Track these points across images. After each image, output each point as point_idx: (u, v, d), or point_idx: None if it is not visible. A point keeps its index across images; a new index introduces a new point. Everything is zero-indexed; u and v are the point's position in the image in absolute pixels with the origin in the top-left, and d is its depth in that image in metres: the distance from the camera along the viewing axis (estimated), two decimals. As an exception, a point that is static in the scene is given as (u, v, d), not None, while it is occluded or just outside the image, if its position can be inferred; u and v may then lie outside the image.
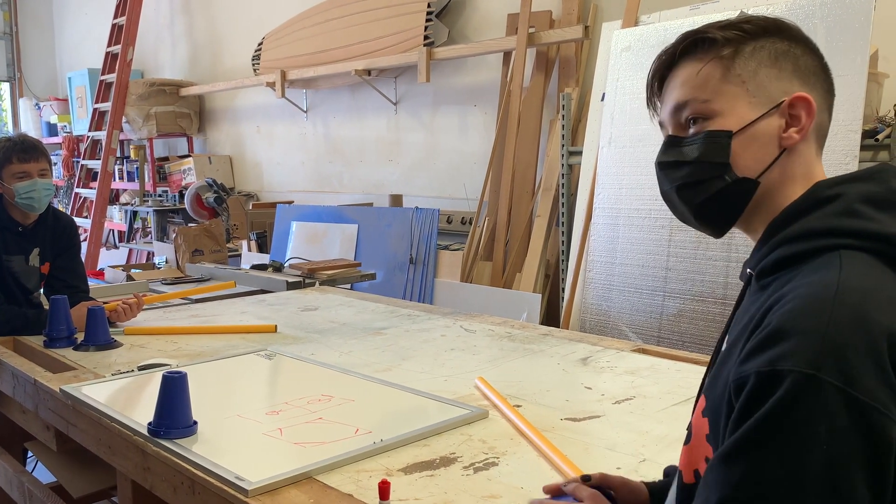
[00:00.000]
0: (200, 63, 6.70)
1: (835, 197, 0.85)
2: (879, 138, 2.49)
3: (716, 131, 0.91)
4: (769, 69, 0.90)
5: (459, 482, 1.30)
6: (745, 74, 0.90)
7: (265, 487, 1.26)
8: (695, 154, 0.92)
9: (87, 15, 8.19)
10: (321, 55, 5.09)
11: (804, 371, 0.70)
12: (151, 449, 1.47)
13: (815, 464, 0.69)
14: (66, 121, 7.80)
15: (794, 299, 0.77)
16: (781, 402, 0.71)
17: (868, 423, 0.69)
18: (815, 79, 0.92)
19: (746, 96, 0.90)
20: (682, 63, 0.94)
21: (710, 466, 0.76)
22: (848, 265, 0.78)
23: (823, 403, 0.70)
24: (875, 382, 0.70)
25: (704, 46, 0.92)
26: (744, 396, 0.75)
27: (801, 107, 0.90)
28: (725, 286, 2.70)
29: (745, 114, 0.90)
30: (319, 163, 5.61)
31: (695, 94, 0.92)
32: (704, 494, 0.76)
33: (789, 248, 0.85)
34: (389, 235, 4.24)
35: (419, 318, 2.60)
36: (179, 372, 1.52)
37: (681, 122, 0.94)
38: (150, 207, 6.32)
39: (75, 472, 2.03)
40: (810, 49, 0.93)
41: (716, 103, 0.91)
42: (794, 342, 0.72)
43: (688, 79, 0.92)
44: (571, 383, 1.85)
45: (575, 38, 3.70)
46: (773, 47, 0.91)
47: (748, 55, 0.90)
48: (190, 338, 2.37)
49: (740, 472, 0.72)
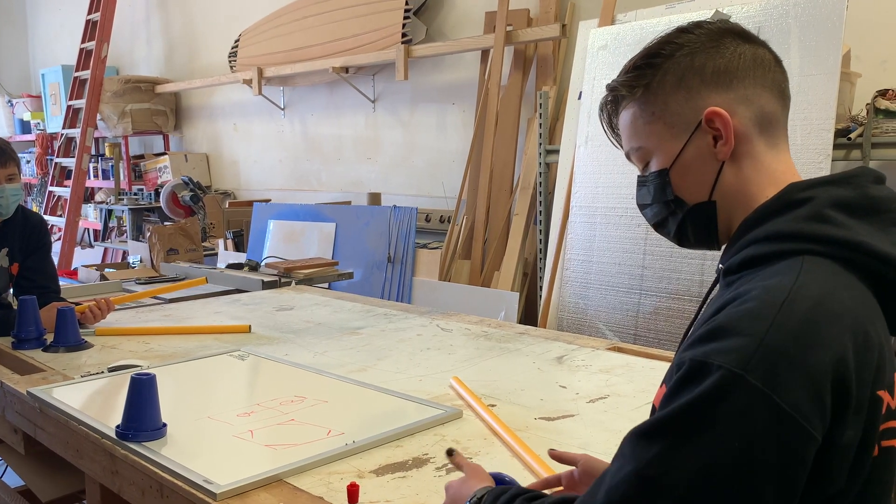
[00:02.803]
0: (176, 60, 6.63)
1: (806, 200, 0.84)
2: (852, 137, 2.52)
3: (656, 172, 0.95)
4: (676, 94, 0.91)
5: (431, 483, 1.29)
6: (657, 110, 0.93)
7: (234, 490, 1.25)
8: (650, 196, 0.98)
9: (60, 10, 8.08)
10: (298, 52, 5.05)
11: (732, 369, 0.71)
12: (119, 452, 1.44)
13: (725, 461, 0.70)
14: (40, 118, 7.69)
15: (747, 300, 0.77)
16: (704, 395, 0.72)
17: (784, 432, 0.70)
18: (732, 74, 0.89)
19: (666, 129, 0.93)
20: (619, 111, 0.99)
21: (630, 437, 0.77)
22: (807, 271, 0.78)
23: (744, 404, 0.70)
24: (802, 393, 0.70)
25: (622, 98, 0.97)
26: (675, 379, 0.77)
27: (717, 121, 0.89)
28: (701, 284, 2.71)
29: (672, 147, 0.93)
30: (297, 161, 5.58)
31: (630, 143, 0.98)
32: (619, 462, 0.77)
33: (756, 249, 0.84)
34: (367, 234, 4.22)
35: (396, 318, 2.59)
36: (148, 373, 1.49)
37: (637, 165, 1.00)
38: (126, 206, 6.24)
39: (44, 476, 1.99)
40: (717, 45, 0.90)
41: (647, 146, 0.95)
42: (732, 340, 0.73)
43: (623, 129, 0.98)
44: (546, 382, 1.84)
45: (552, 36, 3.70)
46: (675, 69, 0.91)
47: (656, 89, 0.92)
48: (162, 338, 2.33)
49: (657, 450, 0.73)
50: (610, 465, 0.79)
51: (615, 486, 0.75)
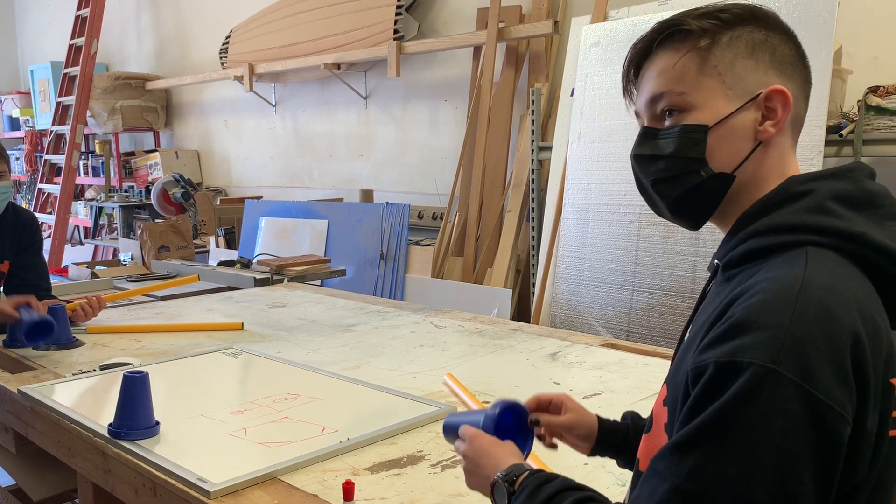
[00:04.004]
0: (167, 56, 6.59)
1: (806, 193, 0.84)
2: (843, 133, 2.53)
3: (691, 125, 0.88)
4: (746, 60, 0.88)
5: (426, 480, 1.29)
6: (721, 66, 0.88)
7: (228, 489, 1.24)
8: (670, 148, 0.90)
9: (49, 6, 8.02)
10: (290, 49, 5.03)
11: (764, 364, 0.70)
12: (112, 450, 1.44)
13: (767, 459, 0.69)
14: (29, 115, 7.64)
15: (758, 293, 0.76)
16: (739, 394, 0.70)
17: (823, 421, 0.69)
18: (791, 69, 0.90)
19: (722, 89, 0.88)
20: (658, 52, 0.91)
21: (661, 454, 0.75)
22: (814, 262, 0.78)
23: (781, 398, 0.69)
24: (833, 380, 0.70)
25: (681, 37, 0.90)
26: (701, 385, 0.74)
27: (778, 100, 0.87)
28: (693, 280, 2.72)
29: (721, 107, 0.88)
30: (289, 158, 5.56)
31: (671, 86, 0.89)
32: (654, 482, 0.74)
33: (757, 242, 0.84)
34: (360, 231, 4.21)
35: (389, 315, 2.58)
36: (141, 371, 1.48)
37: (656, 113, 0.92)
38: (116, 203, 6.21)
39: (35, 475, 1.98)
40: (788, 37, 0.91)
41: (692, 96, 0.88)
42: (757, 335, 0.72)
43: (664, 70, 0.90)
44: (540, 379, 1.84)
45: (544, 32, 3.70)
46: (749, 37, 0.89)
47: (725, 46, 0.88)
48: (154, 336, 2.32)
49: (693, 462, 0.71)
50: (641, 486, 0.76)
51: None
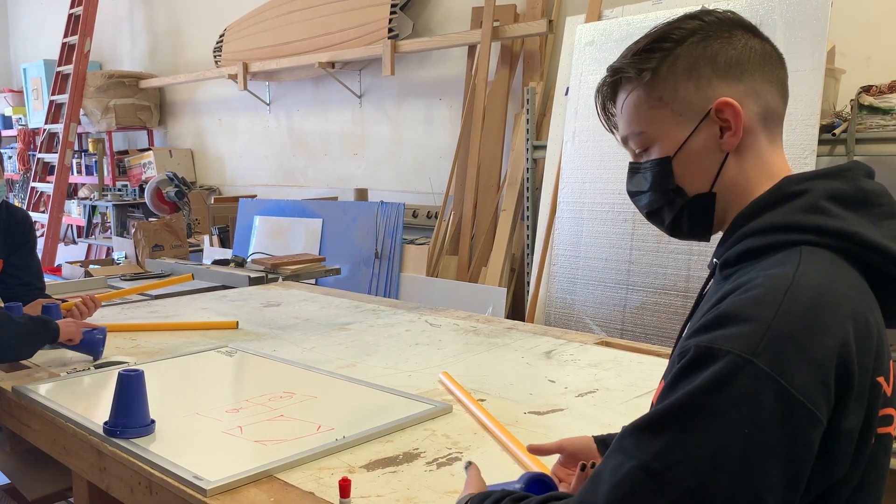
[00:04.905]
0: (160, 55, 6.57)
1: (801, 192, 0.85)
2: (836, 133, 2.54)
3: (656, 160, 0.93)
4: (686, 82, 0.89)
5: (422, 478, 1.29)
6: (665, 95, 0.90)
7: (224, 486, 1.24)
8: (647, 183, 0.95)
9: (42, 4, 7.98)
10: (284, 47, 5.02)
11: (741, 354, 0.71)
12: (107, 449, 1.44)
13: (734, 447, 0.69)
14: (22, 113, 7.61)
15: (749, 289, 0.77)
16: (712, 380, 0.71)
17: (793, 418, 0.70)
18: (742, 67, 0.89)
19: (672, 116, 0.91)
20: (618, 94, 0.96)
21: (630, 431, 0.75)
22: (807, 261, 0.79)
23: (753, 389, 0.70)
24: (810, 378, 0.71)
25: (627, 77, 0.93)
26: (679, 366, 0.75)
27: (727, 111, 0.88)
28: (687, 279, 2.73)
29: (676, 135, 0.91)
30: (283, 156, 5.55)
31: (630, 127, 0.95)
32: (619, 457, 0.74)
33: (753, 241, 0.85)
34: (354, 230, 4.21)
35: (384, 313, 2.58)
36: (136, 370, 1.48)
37: (633, 151, 0.97)
38: (110, 202, 6.19)
39: (30, 474, 1.97)
40: (734, 34, 0.90)
41: (649, 132, 0.93)
42: (739, 327, 0.73)
43: (623, 112, 0.96)
44: (535, 377, 1.85)
45: (539, 32, 3.71)
46: (688, 55, 0.89)
47: (665, 74, 0.90)
48: (149, 335, 2.32)
49: (663, 442, 0.72)
50: (604, 461, 0.77)
51: (618, 483, 0.72)
